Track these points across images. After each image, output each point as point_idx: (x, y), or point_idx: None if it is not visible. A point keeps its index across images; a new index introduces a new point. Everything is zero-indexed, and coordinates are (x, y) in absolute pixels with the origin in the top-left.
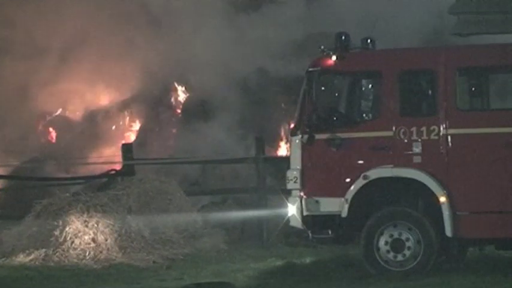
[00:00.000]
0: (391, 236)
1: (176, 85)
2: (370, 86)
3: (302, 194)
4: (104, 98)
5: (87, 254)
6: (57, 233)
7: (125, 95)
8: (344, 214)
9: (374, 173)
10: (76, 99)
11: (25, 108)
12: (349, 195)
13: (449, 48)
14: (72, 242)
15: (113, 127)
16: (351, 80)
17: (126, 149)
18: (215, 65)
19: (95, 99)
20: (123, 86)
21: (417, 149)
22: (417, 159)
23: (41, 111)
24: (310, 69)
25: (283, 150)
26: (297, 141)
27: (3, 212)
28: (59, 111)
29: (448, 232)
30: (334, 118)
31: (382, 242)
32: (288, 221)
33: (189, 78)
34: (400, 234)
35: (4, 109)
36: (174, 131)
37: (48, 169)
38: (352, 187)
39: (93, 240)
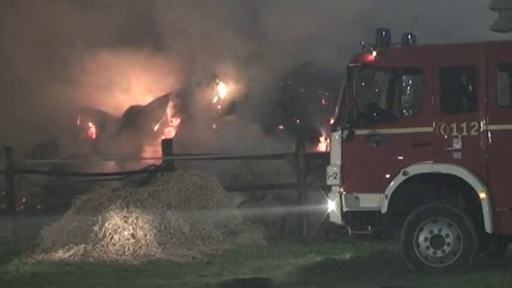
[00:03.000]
0: (431, 232)
1: (217, 81)
2: (410, 82)
3: (342, 190)
4: (145, 93)
5: (126, 249)
6: (96, 228)
7: (165, 90)
8: (384, 210)
9: (414, 169)
10: (116, 94)
11: (65, 104)
12: (389, 191)
13: (490, 44)
14: (112, 238)
15: (153, 122)
16: (391, 76)
17: (166, 144)
18: (256, 60)
19: (135, 94)
20: (164, 81)
21: (457, 145)
22: (457, 155)
23: (81, 107)
24: (351, 65)
25: (323, 146)
26: (337, 137)
27: (43, 208)
28: (98, 107)
29: (488, 228)
30: (374, 114)
31: (421, 238)
32: (328, 216)
33: (229, 73)
34: (439, 230)
35: (44, 104)
36: (214, 126)
37: (87, 164)
38: (391, 183)
39: (133, 235)
